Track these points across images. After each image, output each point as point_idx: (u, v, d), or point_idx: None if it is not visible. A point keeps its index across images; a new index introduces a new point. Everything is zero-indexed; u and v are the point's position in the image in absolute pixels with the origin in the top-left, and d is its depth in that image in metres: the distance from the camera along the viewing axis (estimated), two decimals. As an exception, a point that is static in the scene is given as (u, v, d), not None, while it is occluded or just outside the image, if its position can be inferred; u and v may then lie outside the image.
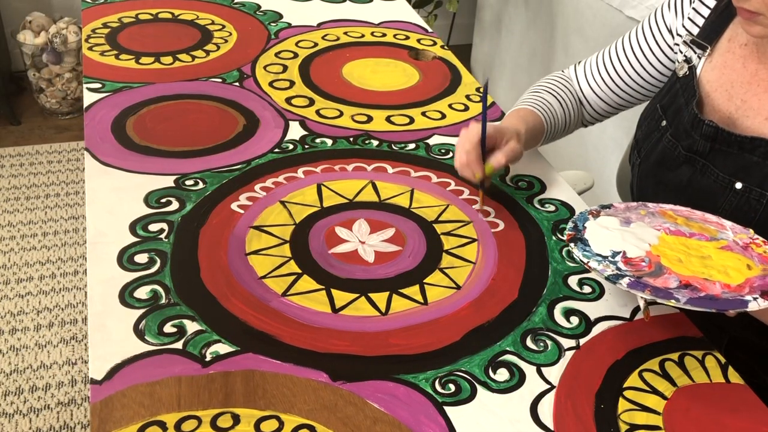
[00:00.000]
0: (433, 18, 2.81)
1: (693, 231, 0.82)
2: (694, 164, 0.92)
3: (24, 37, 2.52)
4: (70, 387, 1.65)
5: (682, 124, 0.93)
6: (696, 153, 0.91)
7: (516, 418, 0.69)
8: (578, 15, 2.07)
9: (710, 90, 0.92)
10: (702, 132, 0.89)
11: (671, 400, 0.73)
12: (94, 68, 1.24)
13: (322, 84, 1.25)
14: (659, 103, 0.99)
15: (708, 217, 0.86)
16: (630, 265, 0.76)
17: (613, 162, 1.44)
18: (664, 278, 0.74)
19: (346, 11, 1.55)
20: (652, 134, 0.99)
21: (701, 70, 0.94)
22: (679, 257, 0.77)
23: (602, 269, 0.75)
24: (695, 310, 0.71)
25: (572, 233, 0.82)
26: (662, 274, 0.75)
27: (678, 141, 0.93)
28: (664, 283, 0.73)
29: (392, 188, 1.00)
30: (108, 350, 0.73)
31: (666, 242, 0.80)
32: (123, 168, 1.00)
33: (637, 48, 1.04)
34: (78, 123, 2.66)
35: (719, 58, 0.92)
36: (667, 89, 0.99)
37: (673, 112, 0.95)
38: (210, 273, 0.83)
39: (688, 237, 0.81)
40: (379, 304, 0.81)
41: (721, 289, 0.72)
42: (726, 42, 0.92)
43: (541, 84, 1.12)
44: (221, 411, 0.68)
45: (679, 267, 0.76)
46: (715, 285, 0.73)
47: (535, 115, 1.04)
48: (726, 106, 0.90)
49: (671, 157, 0.94)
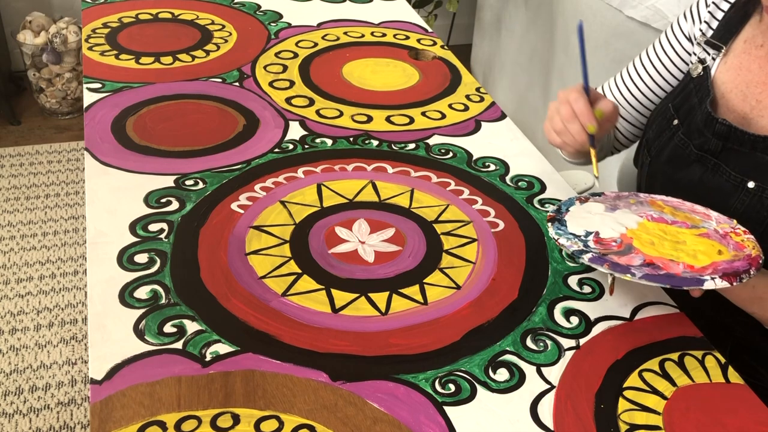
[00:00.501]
0: (433, 18, 2.81)
1: (676, 219, 0.83)
2: (705, 163, 0.91)
3: (24, 37, 2.52)
4: (70, 387, 1.65)
5: (694, 123, 0.92)
6: (708, 152, 0.90)
7: (516, 418, 0.69)
8: (578, 15, 2.07)
9: (725, 90, 0.92)
10: (715, 130, 0.89)
11: (671, 400, 0.73)
12: (94, 68, 1.24)
13: (322, 84, 1.25)
14: (671, 103, 0.98)
15: (696, 208, 0.86)
16: (600, 245, 0.78)
17: (613, 162, 1.44)
18: (629, 257, 0.76)
19: (346, 11, 1.55)
20: (663, 133, 0.98)
21: (716, 70, 0.93)
22: (653, 240, 0.79)
23: (569, 245, 0.77)
24: (655, 286, 0.73)
25: (553, 215, 0.84)
26: (629, 254, 0.76)
27: (690, 140, 0.93)
28: (627, 261, 0.75)
29: (392, 188, 1.00)
30: (108, 350, 0.73)
31: (644, 227, 0.81)
32: (123, 168, 1.00)
33: (658, 62, 1.03)
34: (78, 123, 2.66)
35: (735, 60, 0.92)
36: (680, 89, 0.98)
37: (686, 112, 0.95)
38: (210, 273, 0.83)
39: (669, 224, 0.82)
40: (379, 304, 0.81)
41: (683, 269, 0.73)
42: (742, 43, 0.91)
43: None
44: (221, 411, 0.68)
45: (649, 249, 0.77)
46: (679, 266, 0.74)
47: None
48: (741, 106, 0.90)
49: (682, 156, 0.94)
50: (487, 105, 1.23)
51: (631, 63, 1.08)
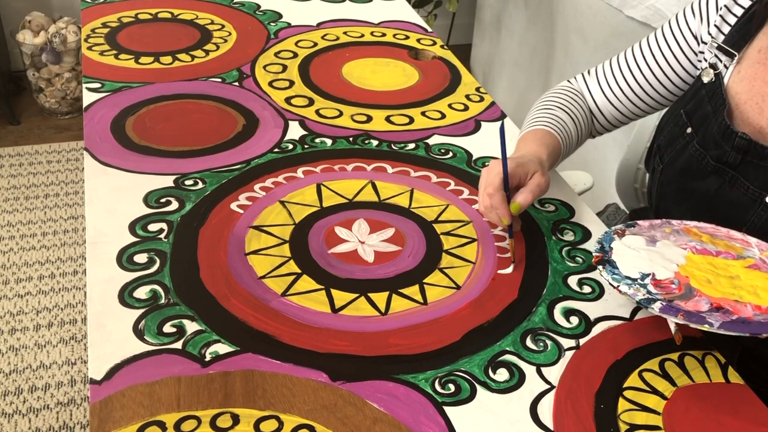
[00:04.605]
0: (432, 18, 2.81)
1: (719, 249, 0.82)
2: (722, 175, 0.90)
3: (23, 37, 2.52)
4: (69, 387, 1.65)
5: (710, 133, 0.91)
6: (725, 164, 0.89)
7: (516, 418, 0.69)
8: (578, 14, 2.07)
9: (740, 102, 0.90)
10: (734, 144, 0.87)
11: (671, 400, 0.73)
12: (94, 68, 1.24)
13: (321, 84, 1.25)
14: (683, 109, 0.96)
15: (733, 234, 0.85)
16: (660, 288, 0.76)
17: (613, 162, 1.44)
18: (694, 301, 0.74)
19: (345, 11, 1.55)
20: (676, 141, 0.96)
21: (729, 79, 0.91)
22: (708, 278, 0.77)
23: (633, 293, 0.75)
24: (731, 335, 0.70)
25: (600, 255, 0.81)
26: (692, 297, 0.75)
27: (706, 150, 0.91)
28: (695, 307, 0.73)
29: (392, 188, 1.00)
30: (107, 350, 0.73)
31: (693, 262, 0.80)
32: (122, 168, 0.99)
33: (659, 54, 1.00)
34: (77, 123, 2.66)
35: (749, 69, 0.90)
36: (691, 94, 0.96)
37: (699, 120, 0.93)
38: (209, 273, 0.83)
39: (715, 256, 0.81)
40: (378, 304, 0.81)
41: (752, 311, 0.72)
42: (756, 53, 0.89)
43: (550, 99, 1.07)
44: (221, 411, 0.68)
45: (709, 288, 0.76)
46: (746, 307, 0.73)
47: (553, 137, 0.99)
48: (757, 120, 0.88)
49: (698, 167, 0.92)
50: (486, 105, 1.23)
51: (629, 51, 1.04)
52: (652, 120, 1.25)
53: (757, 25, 0.89)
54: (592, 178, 1.39)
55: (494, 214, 0.88)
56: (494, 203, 0.87)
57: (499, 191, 0.87)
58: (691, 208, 0.94)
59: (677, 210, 0.96)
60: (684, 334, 0.79)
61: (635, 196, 1.35)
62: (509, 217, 0.87)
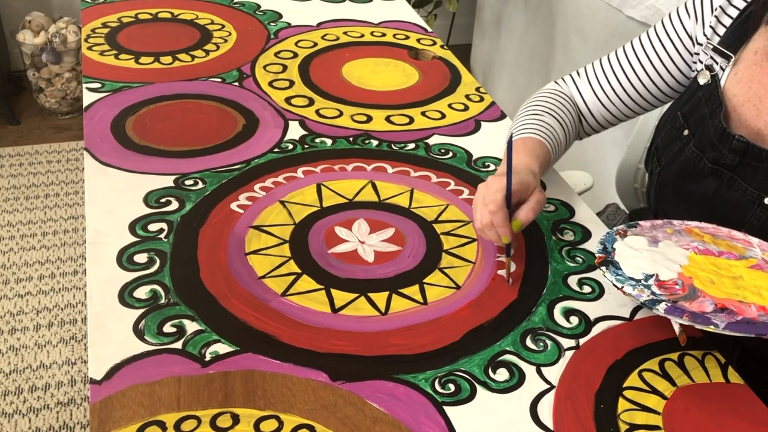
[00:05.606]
0: (432, 18, 2.81)
1: (721, 249, 0.82)
2: (720, 177, 0.89)
3: (23, 37, 2.52)
4: (69, 387, 1.65)
5: (706, 135, 0.90)
6: (723, 166, 0.89)
7: (516, 418, 0.69)
8: (578, 14, 2.07)
9: (737, 104, 0.90)
10: (732, 146, 0.87)
11: (671, 400, 0.73)
12: (94, 68, 1.24)
13: (321, 84, 1.25)
14: (680, 111, 0.95)
15: (734, 234, 0.85)
16: (664, 289, 0.76)
17: (612, 162, 1.44)
18: (699, 302, 0.74)
19: (345, 11, 1.55)
20: (673, 143, 0.96)
21: (725, 81, 0.91)
22: (711, 278, 0.77)
23: (637, 294, 0.75)
24: (733, 336, 0.70)
25: (602, 255, 0.81)
26: (696, 298, 0.74)
27: (703, 153, 0.91)
28: (699, 307, 0.73)
29: (392, 188, 1.00)
30: (107, 350, 0.73)
31: (696, 262, 0.80)
32: (122, 168, 0.99)
33: (653, 53, 0.99)
34: (77, 123, 2.66)
35: (745, 71, 0.89)
36: (688, 96, 0.95)
37: (696, 122, 0.93)
38: (209, 273, 0.83)
39: (717, 256, 0.81)
40: (378, 304, 0.81)
41: (757, 311, 0.72)
42: (752, 54, 0.89)
43: (537, 104, 1.04)
44: (221, 411, 0.68)
45: (713, 289, 0.76)
46: (751, 307, 0.73)
47: (543, 146, 0.96)
48: (754, 122, 0.88)
49: (695, 169, 0.92)
50: (486, 105, 1.23)
51: (621, 50, 1.03)
52: (652, 120, 1.25)
53: (754, 27, 0.89)
54: (592, 178, 1.39)
55: (493, 232, 0.86)
56: (496, 221, 0.84)
57: (501, 209, 0.84)
58: (689, 210, 0.94)
59: (675, 211, 0.96)
60: (685, 334, 0.79)
61: (635, 197, 1.35)
62: (510, 236, 0.85)
